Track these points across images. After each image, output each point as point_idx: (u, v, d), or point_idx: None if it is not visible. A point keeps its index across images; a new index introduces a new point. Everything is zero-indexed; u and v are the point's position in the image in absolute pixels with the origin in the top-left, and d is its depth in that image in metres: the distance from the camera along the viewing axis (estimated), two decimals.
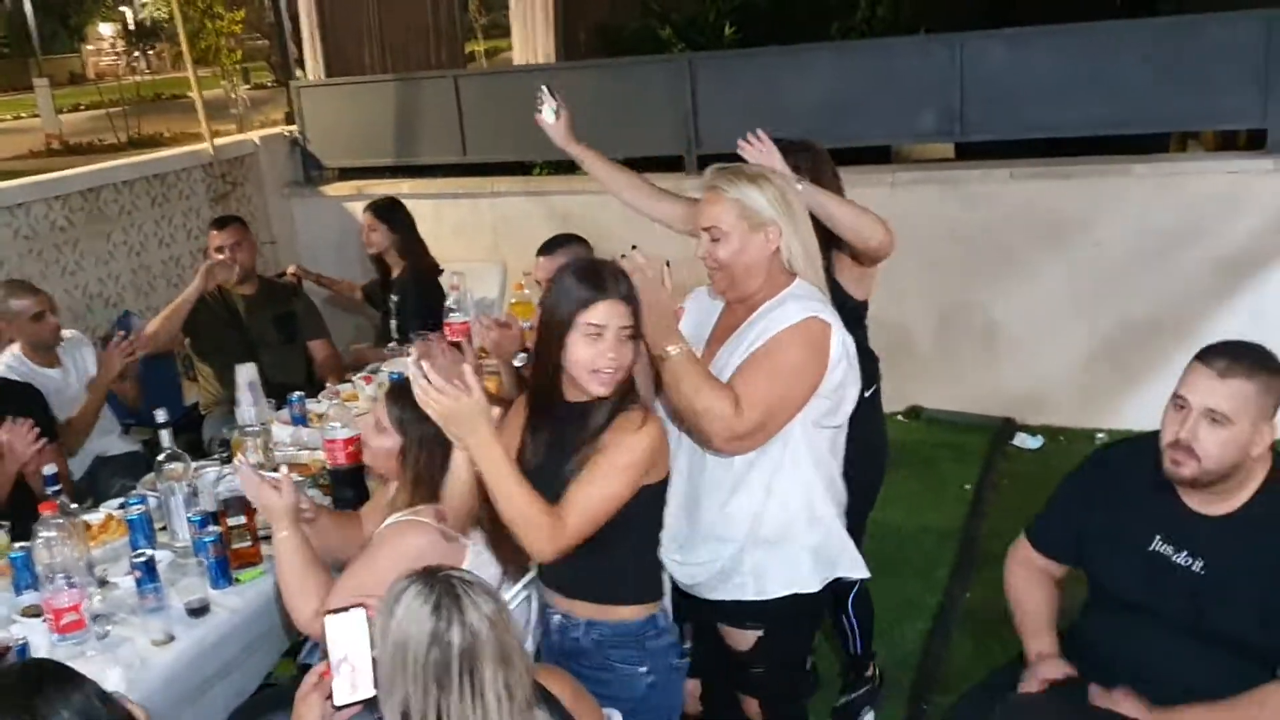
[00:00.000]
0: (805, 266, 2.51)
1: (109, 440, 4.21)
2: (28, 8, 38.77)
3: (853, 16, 8.03)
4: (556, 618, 2.45)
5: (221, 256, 4.54)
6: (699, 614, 2.68)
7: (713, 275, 2.53)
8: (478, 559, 2.43)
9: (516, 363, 3.69)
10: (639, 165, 6.50)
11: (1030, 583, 2.59)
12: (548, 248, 3.95)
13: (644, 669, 2.38)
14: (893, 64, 5.80)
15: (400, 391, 2.53)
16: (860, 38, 7.80)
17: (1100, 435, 5.32)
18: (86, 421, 4.05)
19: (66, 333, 4.24)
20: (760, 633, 2.60)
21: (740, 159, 2.95)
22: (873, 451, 3.13)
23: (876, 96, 5.73)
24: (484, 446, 2.11)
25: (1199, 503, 2.32)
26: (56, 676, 1.66)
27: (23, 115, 26.21)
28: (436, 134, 6.71)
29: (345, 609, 1.92)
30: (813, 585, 2.55)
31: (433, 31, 7.92)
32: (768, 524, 2.50)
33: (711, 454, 2.49)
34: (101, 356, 4.14)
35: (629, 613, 2.38)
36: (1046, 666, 2.45)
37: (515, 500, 2.13)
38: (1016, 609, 2.60)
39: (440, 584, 1.72)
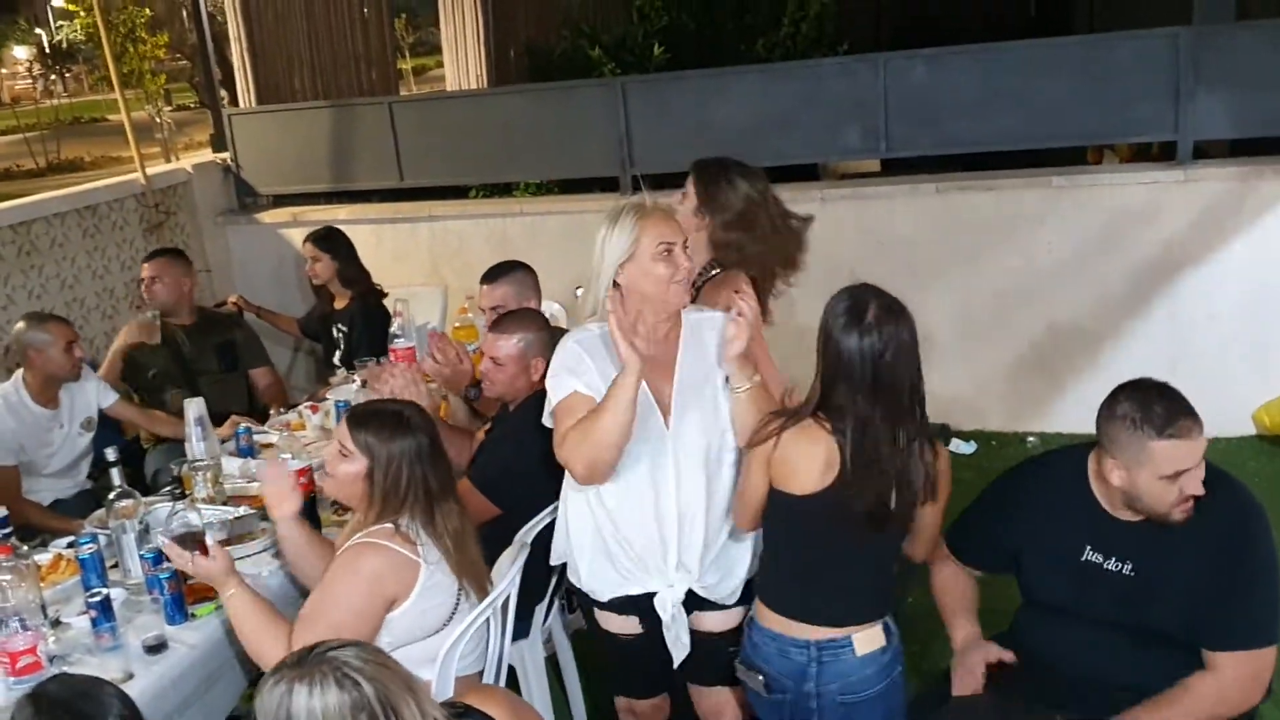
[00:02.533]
0: None
1: (50, 481, 4.16)
2: None
3: (777, 34, 8.20)
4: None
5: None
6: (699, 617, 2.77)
7: (679, 288, 2.57)
8: (430, 579, 2.49)
9: (468, 394, 3.75)
10: (575, 186, 6.64)
11: (949, 578, 2.75)
12: (491, 276, 3.97)
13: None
14: (819, 84, 5.95)
15: (360, 415, 2.59)
16: (785, 54, 7.98)
17: (1031, 439, 5.50)
18: None
19: None
20: (745, 608, 2.68)
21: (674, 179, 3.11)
22: None
23: (803, 115, 5.87)
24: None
25: (1124, 511, 2.44)
26: (95, 683, 1.81)
27: None
28: (372, 159, 6.72)
29: None
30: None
31: (364, 56, 7.92)
32: None
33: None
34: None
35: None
36: (977, 651, 2.59)
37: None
38: (940, 603, 2.74)
39: (314, 661, 1.69)
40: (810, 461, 2.35)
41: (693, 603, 2.69)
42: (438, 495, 2.52)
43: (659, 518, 2.59)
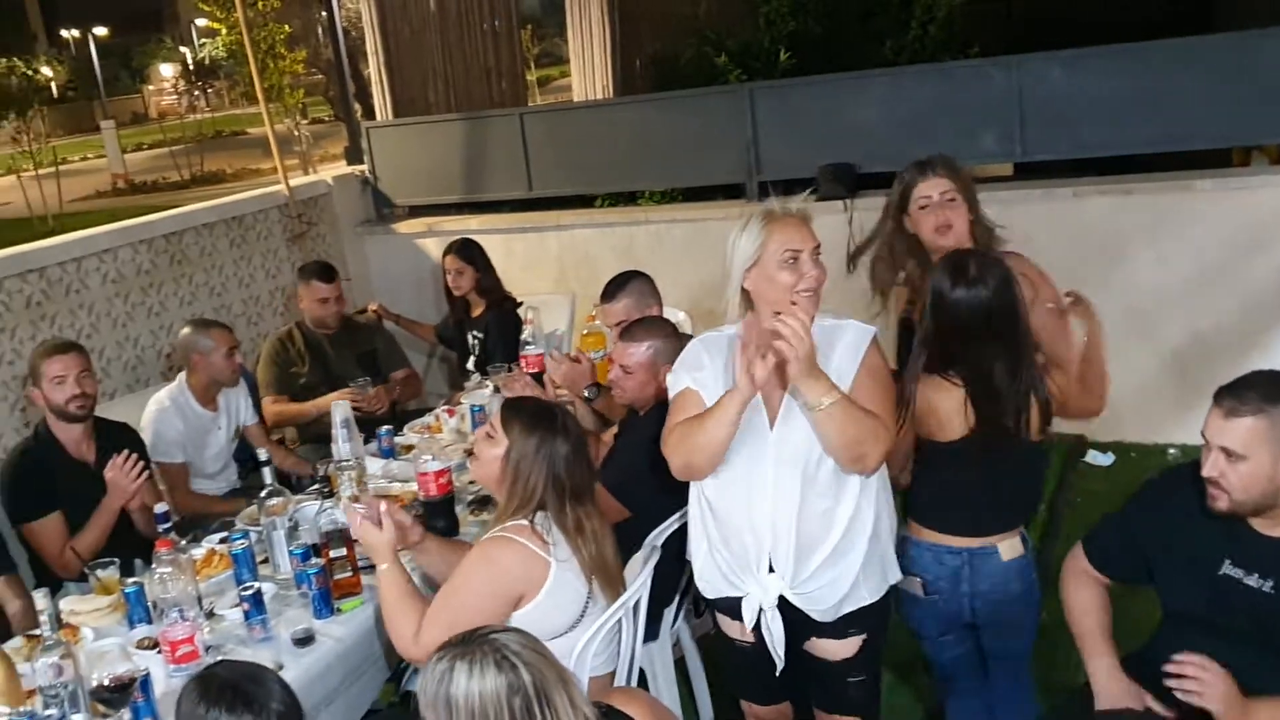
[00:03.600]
0: None
1: (206, 482, 4.36)
2: (93, 52, 39.95)
3: (904, 36, 8.10)
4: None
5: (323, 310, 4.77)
6: (791, 634, 2.69)
7: (809, 298, 2.50)
8: (560, 578, 2.54)
9: (586, 394, 3.81)
10: (701, 194, 6.67)
11: (1087, 601, 2.66)
12: (608, 293, 3.98)
13: None
14: (951, 87, 5.87)
15: (515, 403, 2.75)
16: (913, 57, 7.88)
17: (1172, 450, 5.31)
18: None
19: None
20: (863, 637, 2.66)
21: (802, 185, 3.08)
22: None
23: (935, 119, 5.79)
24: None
25: (1264, 525, 2.36)
26: (260, 669, 1.91)
27: (89, 156, 26.95)
28: (503, 169, 6.87)
29: None
30: (897, 574, 2.72)
31: (494, 68, 8.10)
32: (868, 530, 2.58)
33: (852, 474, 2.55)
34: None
35: None
36: (1116, 690, 2.53)
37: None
38: (1071, 621, 2.68)
39: (476, 642, 1.76)
40: (947, 415, 2.75)
41: (809, 626, 2.64)
42: (573, 495, 2.58)
43: (752, 517, 2.57)
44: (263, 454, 3.30)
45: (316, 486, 3.59)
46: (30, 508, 3.55)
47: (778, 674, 2.69)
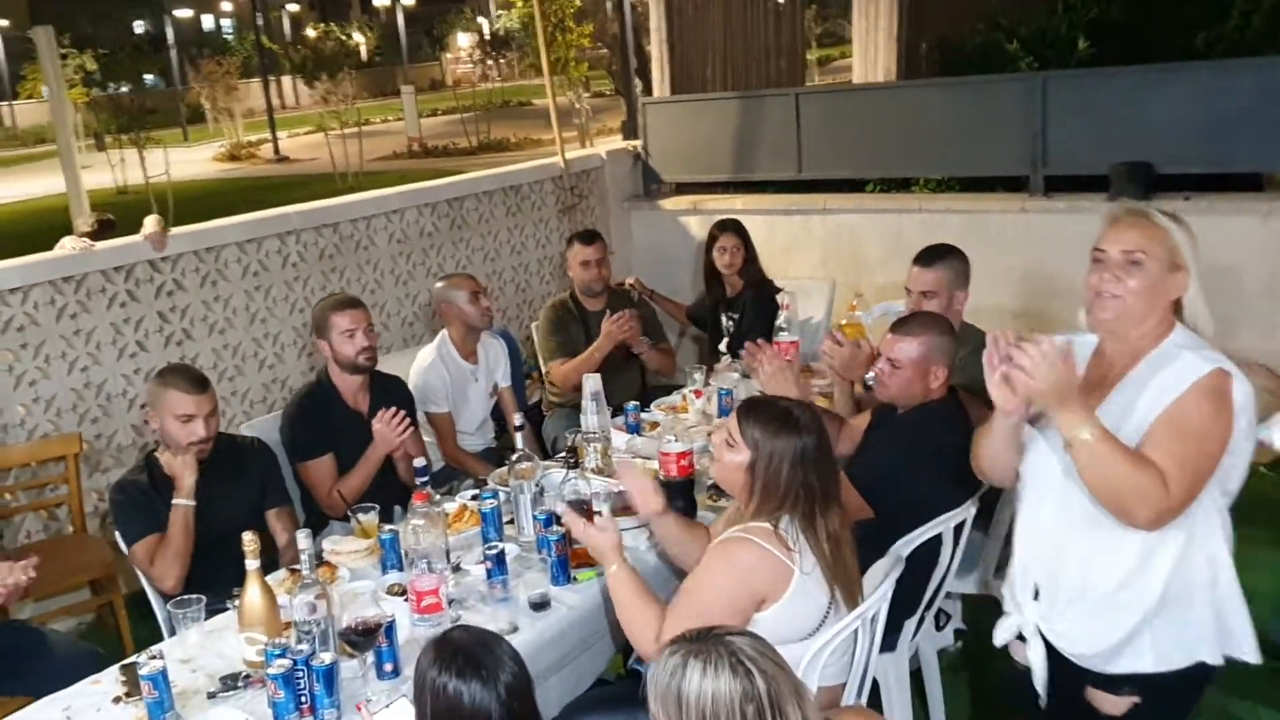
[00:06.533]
0: (1205, 327, 2.28)
1: (466, 437, 4.54)
2: (400, 20, 42.57)
3: (1222, 27, 7.42)
4: None
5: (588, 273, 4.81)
6: (1062, 672, 2.45)
7: (1102, 303, 2.28)
8: (803, 584, 2.46)
9: (867, 382, 3.69)
10: (978, 185, 6.38)
11: None
12: (927, 257, 3.81)
13: None
14: (1275, 86, 5.33)
15: (751, 408, 2.61)
16: (1228, 50, 7.21)
17: None
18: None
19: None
20: (1136, 700, 2.38)
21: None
22: None
23: (1253, 119, 5.28)
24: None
25: None
26: (495, 638, 1.94)
27: (389, 119, 28.71)
28: (773, 150, 6.81)
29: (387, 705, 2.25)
30: (1216, 657, 2.32)
31: (774, 47, 8.03)
32: (1176, 591, 2.27)
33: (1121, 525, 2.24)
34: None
35: None
36: None
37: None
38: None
39: (711, 642, 1.71)
40: None
41: (1085, 672, 2.40)
42: (819, 498, 2.49)
43: (1030, 536, 2.41)
44: (516, 419, 3.38)
45: (563, 455, 3.66)
46: (307, 447, 3.78)
47: (1042, 705, 2.49)
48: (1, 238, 11.36)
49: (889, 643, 3.04)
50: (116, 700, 2.57)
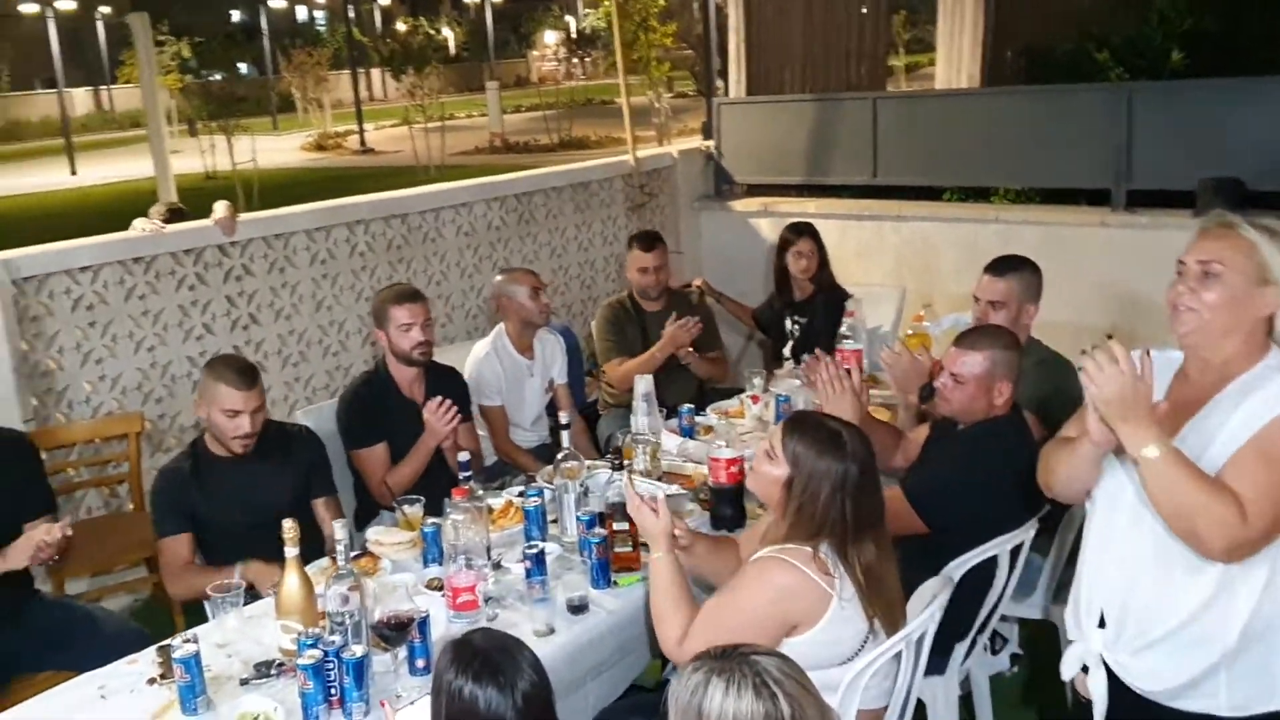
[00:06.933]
0: None
1: (521, 432, 4.51)
2: (488, 16, 42.99)
3: None
4: None
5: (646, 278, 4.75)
6: (1124, 705, 2.30)
7: (1178, 317, 2.15)
8: (841, 613, 2.36)
9: (921, 395, 3.59)
10: (1059, 196, 6.20)
11: None
12: (999, 267, 3.70)
13: None
14: None
15: (796, 423, 2.51)
16: None
17: None
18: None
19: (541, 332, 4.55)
20: None
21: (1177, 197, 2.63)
22: None
23: None
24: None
25: None
26: (516, 644, 1.88)
27: (473, 114, 28.99)
28: (848, 154, 6.72)
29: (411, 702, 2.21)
30: None
31: (856, 51, 7.92)
32: (1257, 631, 2.11)
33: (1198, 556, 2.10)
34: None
35: None
36: None
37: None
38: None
39: (736, 660, 1.65)
40: None
41: (1151, 711, 2.24)
42: (854, 528, 2.38)
43: (1099, 560, 2.28)
44: (564, 417, 3.34)
45: (609, 456, 3.61)
46: (360, 435, 3.79)
47: None
48: (92, 217, 11.66)
49: (937, 665, 2.94)
50: (151, 682, 2.57)
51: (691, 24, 13.94)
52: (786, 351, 4.85)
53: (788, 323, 4.97)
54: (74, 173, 23.59)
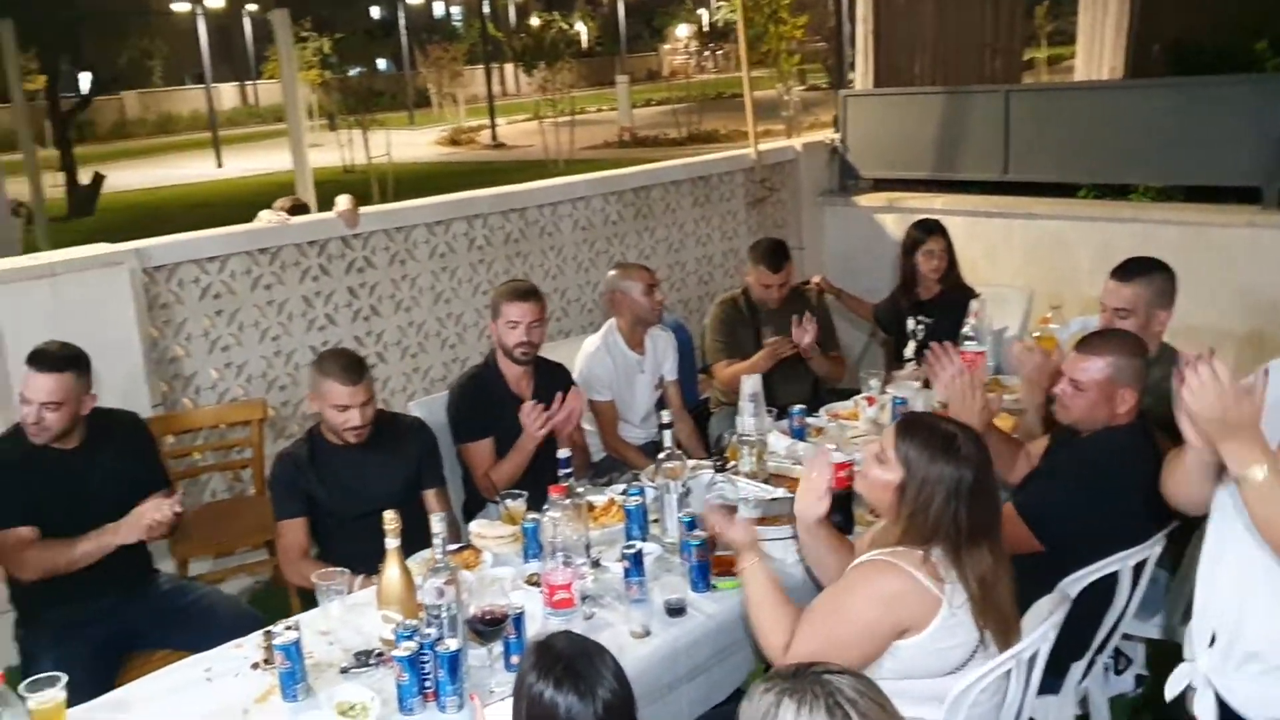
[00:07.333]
0: None
1: (631, 428, 4.48)
2: (620, 10, 43.18)
3: None
4: None
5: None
6: None
7: None
8: (950, 619, 2.28)
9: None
10: (1204, 195, 5.89)
11: None
12: (1126, 272, 3.52)
13: None
14: None
15: (910, 425, 2.44)
16: None
17: None
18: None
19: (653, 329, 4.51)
20: None
21: None
22: None
23: None
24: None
25: None
26: (599, 651, 1.85)
27: (604, 108, 29.17)
28: (978, 149, 6.52)
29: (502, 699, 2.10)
30: None
31: (990, 43, 7.67)
32: None
33: None
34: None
35: None
36: None
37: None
38: None
39: (809, 680, 1.59)
40: None
41: None
42: (968, 535, 2.29)
43: (1212, 579, 2.18)
44: (665, 416, 3.29)
45: (713, 457, 3.55)
46: (467, 429, 3.81)
47: None
48: (234, 208, 12.10)
49: (1051, 685, 2.81)
50: (255, 666, 2.62)
51: (825, 16, 13.74)
52: (908, 352, 4.71)
53: (910, 322, 4.81)
54: (220, 165, 24.58)
